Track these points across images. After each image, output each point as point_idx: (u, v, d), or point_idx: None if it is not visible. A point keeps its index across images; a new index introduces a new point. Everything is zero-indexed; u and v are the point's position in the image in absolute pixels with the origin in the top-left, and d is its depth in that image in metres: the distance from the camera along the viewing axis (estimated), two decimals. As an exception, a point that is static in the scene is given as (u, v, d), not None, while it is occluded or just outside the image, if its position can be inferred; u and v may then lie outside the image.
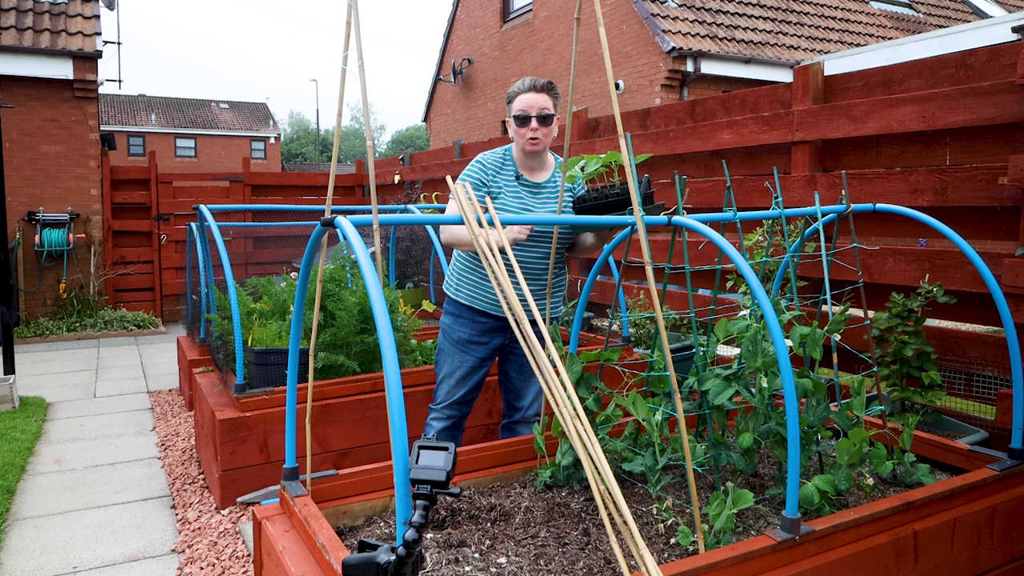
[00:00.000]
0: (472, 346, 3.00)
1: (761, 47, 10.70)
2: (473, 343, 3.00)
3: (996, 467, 2.36)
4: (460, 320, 3.01)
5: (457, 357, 3.02)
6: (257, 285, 4.39)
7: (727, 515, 1.96)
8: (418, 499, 1.32)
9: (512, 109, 2.89)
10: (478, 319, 2.99)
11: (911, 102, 3.36)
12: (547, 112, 2.85)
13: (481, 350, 3.01)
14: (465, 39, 15.06)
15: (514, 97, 2.88)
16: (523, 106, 2.85)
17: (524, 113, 2.85)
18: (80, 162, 8.78)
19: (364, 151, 31.33)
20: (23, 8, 8.83)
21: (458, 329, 3.01)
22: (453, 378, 3.04)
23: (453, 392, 3.05)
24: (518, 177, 2.94)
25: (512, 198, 2.91)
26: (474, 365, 3.02)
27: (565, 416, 1.75)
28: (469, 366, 3.02)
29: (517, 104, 2.87)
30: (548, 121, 2.87)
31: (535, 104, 2.84)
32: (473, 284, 2.97)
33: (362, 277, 2.51)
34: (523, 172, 2.96)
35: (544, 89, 2.86)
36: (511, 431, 3.13)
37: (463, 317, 3.01)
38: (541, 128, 2.86)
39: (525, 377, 3.08)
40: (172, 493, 3.74)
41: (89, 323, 8.29)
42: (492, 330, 3.00)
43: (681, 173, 2.40)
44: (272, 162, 36.29)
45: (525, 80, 2.88)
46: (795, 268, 2.72)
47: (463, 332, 3.00)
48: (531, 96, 2.84)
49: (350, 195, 10.27)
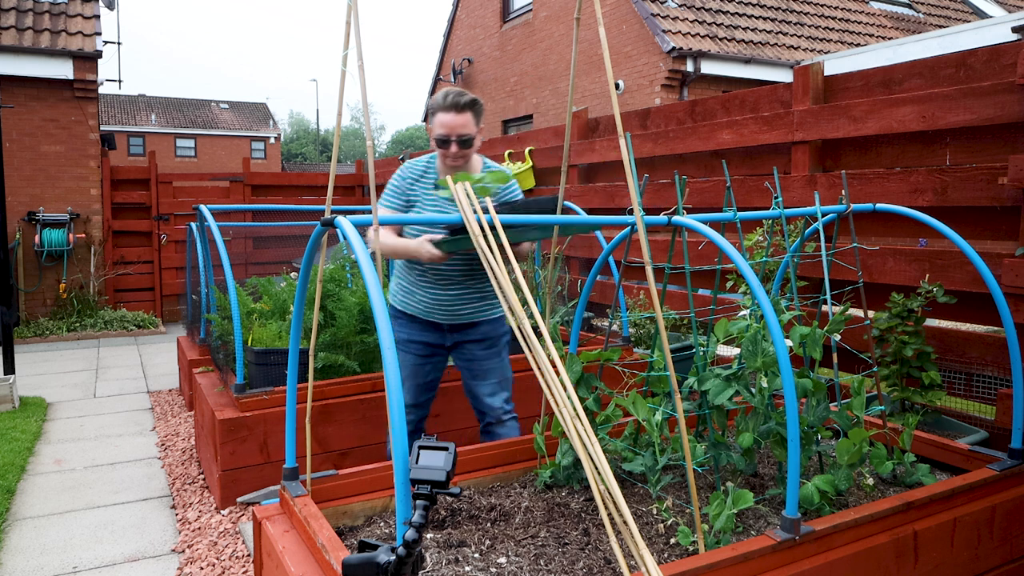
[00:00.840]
0: (411, 344, 3.04)
1: (761, 47, 10.70)
2: (412, 341, 3.04)
3: (996, 467, 2.36)
4: (399, 321, 3.07)
5: (400, 357, 3.04)
6: (257, 285, 4.39)
7: (727, 515, 1.96)
8: (418, 499, 1.32)
9: (433, 125, 2.82)
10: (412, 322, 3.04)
11: (911, 102, 3.36)
12: (467, 135, 2.79)
13: (418, 347, 3.05)
14: (465, 39, 15.06)
15: (435, 112, 2.79)
16: (443, 129, 2.77)
17: (444, 136, 2.78)
18: (80, 162, 8.78)
19: (364, 151, 31.23)
20: (23, 8, 8.83)
21: (398, 331, 3.06)
22: None
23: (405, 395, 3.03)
24: (437, 187, 2.91)
25: (430, 206, 2.92)
26: (415, 363, 3.05)
27: (565, 416, 1.75)
28: (411, 364, 3.04)
29: (438, 122, 2.79)
30: (468, 144, 2.82)
31: (455, 127, 2.77)
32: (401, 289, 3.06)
33: (362, 277, 2.51)
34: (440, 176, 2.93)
35: (465, 108, 2.77)
36: (489, 435, 3.10)
37: (398, 318, 3.07)
38: (461, 150, 2.82)
39: (478, 380, 3.07)
40: (172, 493, 3.74)
41: (89, 323, 8.29)
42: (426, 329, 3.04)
43: (681, 173, 2.41)
44: (272, 162, 36.29)
45: (447, 96, 2.78)
46: (795, 268, 2.72)
47: (401, 333, 3.06)
48: (450, 117, 2.76)
49: (350, 195, 10.27)
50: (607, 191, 5.41)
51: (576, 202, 5.22)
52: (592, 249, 5.55)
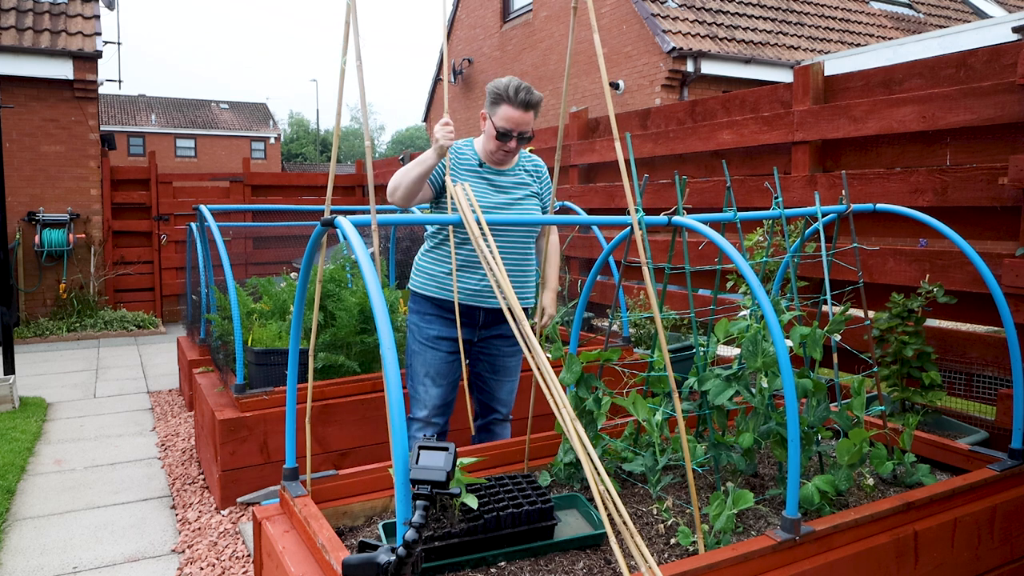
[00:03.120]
0: (442, 341, 2.92)
1: (761, 47, 10.70)
2: (443, 339, 2.91)
3: (996, 467, 2.36)
4: (427, 317, 2.92)
5: (428, 354, 2.92)
6: (257, 285, 4.39)
7: (727, 515, 1.96)
8: (418, 499, 1.32)
9: (496, 116, 2.77)
10: (446, 315, 2.90)
11: (911, 102, 3.36)
12: (528, 132, 2.79)
13: (449, 344, 2.92)
14: (465, 39, 15.06)
15: (501, 103, 2.75)
16: (509, 123, 2.74)
17: (507, 130, 2.75)
18: (80, 162, 8.78)
19: (364, 151, 31.16)
20: (23, 8, 8.83)
21: (425, 327, 2.93)
22: (429, 378, 2.92)
23: (432, 394, 2.93)
24: (481, 164, 2.87)
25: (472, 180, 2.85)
26: (446, 360, 2.92)
27: (565, 417, 1.75)
28: (441, 362, 2.92)
29: (503, 115, 2.75)
30: (526, 141, 2.82)
31: (521, 123, 2.74)
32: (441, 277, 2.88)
33: (362, 277, 2.51)
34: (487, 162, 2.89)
35: (533, 107, 2.76)
36: (489, 432, 3.07)
37: (430, 314, 2.92)
38: (518, 146, 2.80)
39: (499, 377, 3.02)
40: (172, 493, 3.74)
41: (89, 323, 8.29)
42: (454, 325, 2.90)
43: (681, 173, 2.40)
44: (272, 162, 36.30)
45: (518, 91, 2.72)
46: (795, 268, 2.72)
47: (431, 329, 2.92)
48: (519, 114, 2.73)
49: (350, 195, 10.27)
50: (607, 191, 5.41)
51: (576, 202, 5.22)
52: (592, 249, 5.55)
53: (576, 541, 2.03)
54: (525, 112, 2.74)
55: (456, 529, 1.90)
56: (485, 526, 1.91)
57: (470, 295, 2.85)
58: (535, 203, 2.94)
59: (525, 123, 2.76)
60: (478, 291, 2.84)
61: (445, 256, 2.87)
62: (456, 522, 1.93)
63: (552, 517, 2.01)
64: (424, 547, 1.78)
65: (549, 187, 3.00)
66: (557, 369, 2.93)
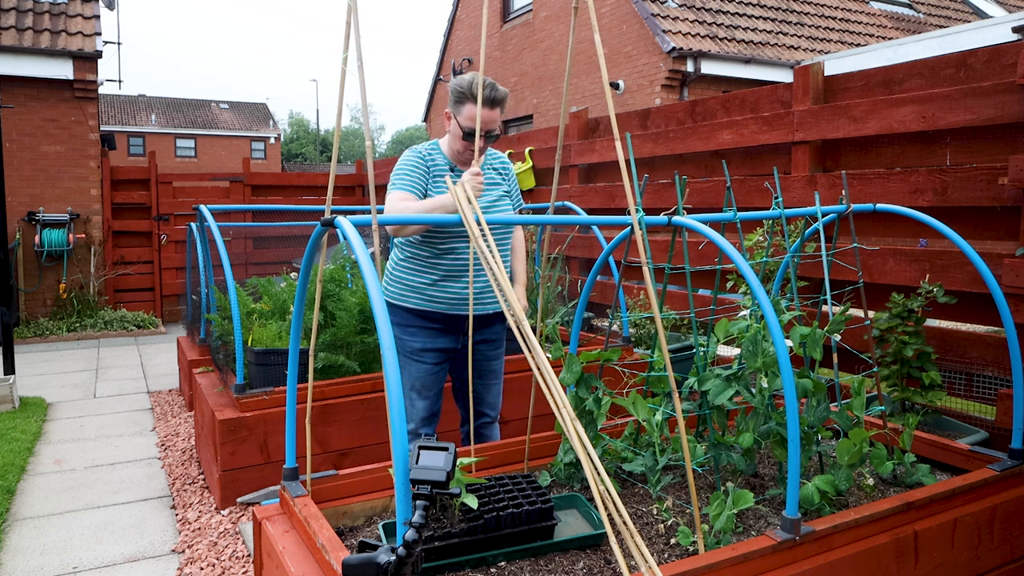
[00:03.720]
0: (426, 353, 2.86)
1: (761, 47, 10.70)
2: (427, 350, 2.86)
3: (996, 467, 2.36)
4: (409, 330, 2.84)
5: (413, 367, 2.86)
6: (257, 285, 4.39)
7: (727, 515, 1.96)
8: (418, 499, 1.32)
9: (461, 115, 2.72)
10: (430, 325, 2.84)
11: (911, 102, 3.36)
12: (496, 131, 2.74)
13: (434, 356, 2.88)
14: (465, 39, 15.06)
15: (465, 102, 2.69)
16: (473, 122, 2.66)
17: (473, 129, 2.67)
18: (80, 162, 8.78)
19: (364, 151, 31.31)
20: (23, 8, 8.83)
21: (408, 340, 2.84)
22: (415, 391, 2.88)
23: (418, 407, 2.90)
24: (452, 168, 2.84)
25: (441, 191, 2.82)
26: (432, 372, 2.88)
27: (565, 417, 1.75)
28: (427, 374, 2.88)
29: (467, 114, 2.70)
30: (494, 139, 2.78)
31: (487, 122, 2.68)
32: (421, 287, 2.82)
33: (362, 277, 2.51)
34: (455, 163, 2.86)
35: (499, 104, 2.70)
36: (480, 436, 3.04)
37: (412, 326, 2.84)
38: (486, 145, 2.76)
39: (485, 381, 3.00)
40: (172, 493, 3.74)
41: (89, 323, 8.29)
42: (442, 333, 2.86)
43: (681, 173, 2.40)
44: (272, 162, 36.30)
45: (484, 85, 2.62)
46: (795, 268, 2.72)
47: (415, 342, 2.84)
48: (485, 112, 2.66)
49: (350, 195, 10.27)
50: (607, 191, 5.41)
51: (576, 202, 5.22)
52: (592, 249, 5.55)
53: (576, 541, 2.03)
54: (491, 109, 2.69)
55: (456, 529, 1.90)
56: (485, 526, 1.91)
57: (453, 303, 2.80)
58: (508, 202, 2.92)
59: (491, 121, 2.71)
60: (462, 299, 2.80)
61: (422, 265, 2.81)
62: (456, 522, 1.93)
63: (552, 517, 2.01)
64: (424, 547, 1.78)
65: (516, 185, 3.00)
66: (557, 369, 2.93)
